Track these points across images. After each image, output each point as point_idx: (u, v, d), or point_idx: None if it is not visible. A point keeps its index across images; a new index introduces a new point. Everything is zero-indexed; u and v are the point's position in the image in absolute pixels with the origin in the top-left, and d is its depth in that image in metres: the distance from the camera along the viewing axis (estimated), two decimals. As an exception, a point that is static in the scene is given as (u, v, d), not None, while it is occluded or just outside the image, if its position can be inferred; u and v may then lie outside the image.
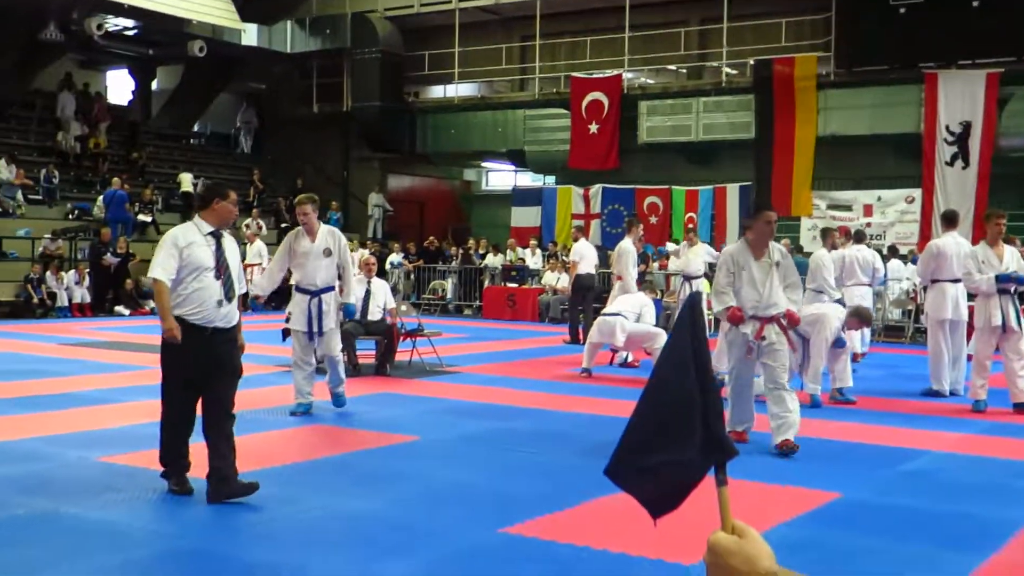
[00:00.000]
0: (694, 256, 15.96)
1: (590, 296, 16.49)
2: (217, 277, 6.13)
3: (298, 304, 9.12)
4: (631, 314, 12.33)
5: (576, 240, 17.19)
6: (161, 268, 6.07)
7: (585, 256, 16.30)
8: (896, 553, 5.30)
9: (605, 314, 12.63)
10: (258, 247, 21.96)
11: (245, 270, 9.48)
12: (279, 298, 18.10)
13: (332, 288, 9.19)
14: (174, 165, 28.26)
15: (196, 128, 31.85)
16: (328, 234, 9.17)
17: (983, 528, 5.80)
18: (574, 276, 16.30)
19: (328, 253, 9.04)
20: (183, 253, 6.10)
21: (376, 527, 5.61)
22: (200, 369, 6.06)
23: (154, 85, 31.75)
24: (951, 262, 11.11)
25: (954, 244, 11.28)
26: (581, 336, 15.83)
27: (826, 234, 13.64)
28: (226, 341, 6.14)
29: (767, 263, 7.94)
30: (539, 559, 5.07)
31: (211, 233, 6.24)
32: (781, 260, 8.06)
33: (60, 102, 26.17)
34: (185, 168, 27.24)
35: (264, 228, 25.03)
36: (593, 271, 16.80)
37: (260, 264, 20.74)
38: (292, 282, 9.47)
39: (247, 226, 23.91)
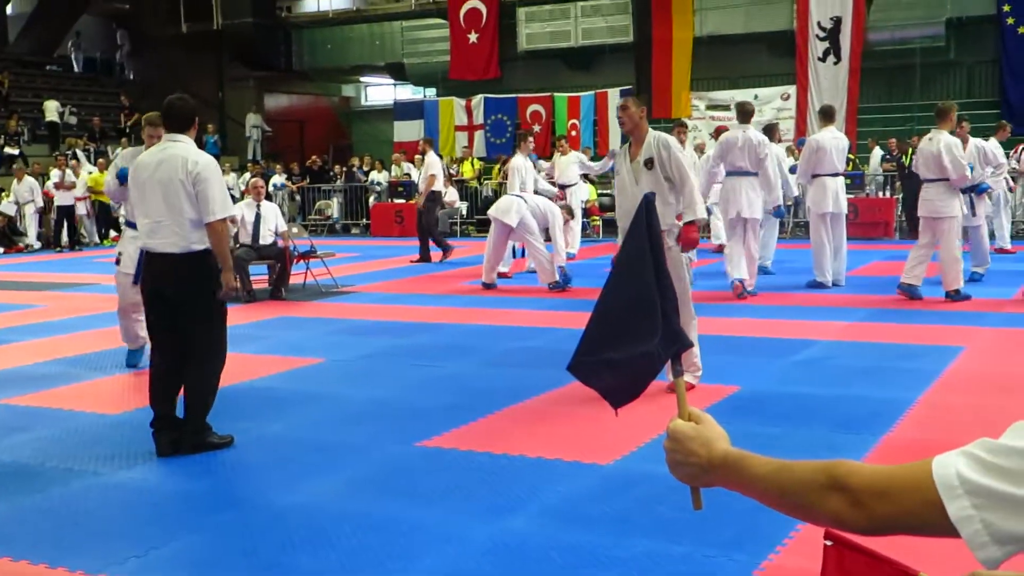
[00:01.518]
0: (566, 165, 15.72)
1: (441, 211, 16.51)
2: None
3: (131, 243, 7.32)
4: (532, 206, 12.25)
5: (424, 153, 16.53)
6: (228, 204, 5.71)
7: (437, 169, 16.12)
8: (796, 438, 5.56)
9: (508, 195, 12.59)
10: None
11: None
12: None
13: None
14: (37, 94, 27.12)
15: (66, 54, 30.46)
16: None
17: (875, 410, 6.11)
18: (428, 191, 15.98)
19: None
20: None
21: (293, 449, 5.65)
22: None
23: (9, 9, 30.23)
24: (830, 156, 11.45)
25: (831, 138, 11.61)
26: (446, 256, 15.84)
27: (772, 130, 13.71)
28: None
29: (638, 163, 6.76)
30: (458, 468, 5.18)
31: None
32: (655, 156, 6.67)
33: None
34: (50, 96, 26.15)
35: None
36: (442, 187, 16.68)
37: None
38: (122, 215, 8.20)
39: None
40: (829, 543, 1.60)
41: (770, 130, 13.44)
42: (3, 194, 20.94)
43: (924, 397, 6.42)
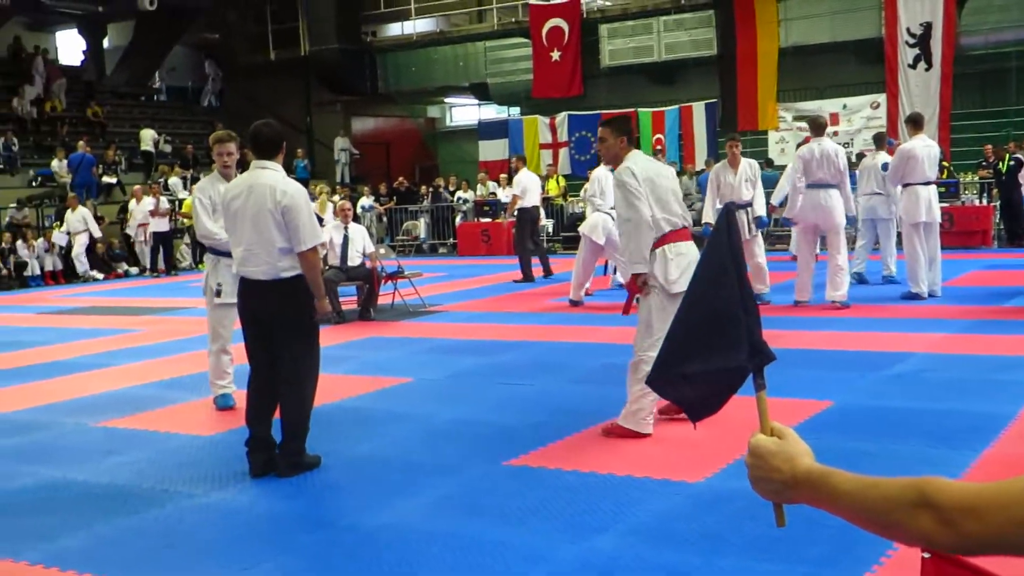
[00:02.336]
0: None
1: (537, 229, 16.29)
2: None
3: (227, 271, 6.98)
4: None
5: (516, 171, 16.21)
6: (317, 232, 5.73)
7: (527, 187, 15.78)
8: (893, 454, 5.42)
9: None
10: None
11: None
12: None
13: None
14: (134, 123, 27.88)
15: (156, 84, 31.31)
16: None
17: (974, 424, 5.93)
18: (515, 209, 15.77)
19: None
20: None
21: (381, 469, 5.68)
22: None
23: (106, 43, 31.18)
24: (922, 164, 11.20)
25: (923, 146, 11.36)
26: (548, 272, 15.80)
27: (880, 139, 13.96)
28: None
29: None
30: (546, 487, 5.16)
31: None
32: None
33: (35, 68, 26.10)
34: (146, 125, 26.86)
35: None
36: (537, 202, 16.39)
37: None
38: (209, 242, 7.43)
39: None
40: (927, 555, 1.54)
41: (879, 139, 13.70)
42: (56, 224, 21.40)
43: (1026, 410, 6.22)
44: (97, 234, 20.85)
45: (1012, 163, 17.64)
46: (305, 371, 5.71)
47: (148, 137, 25.92)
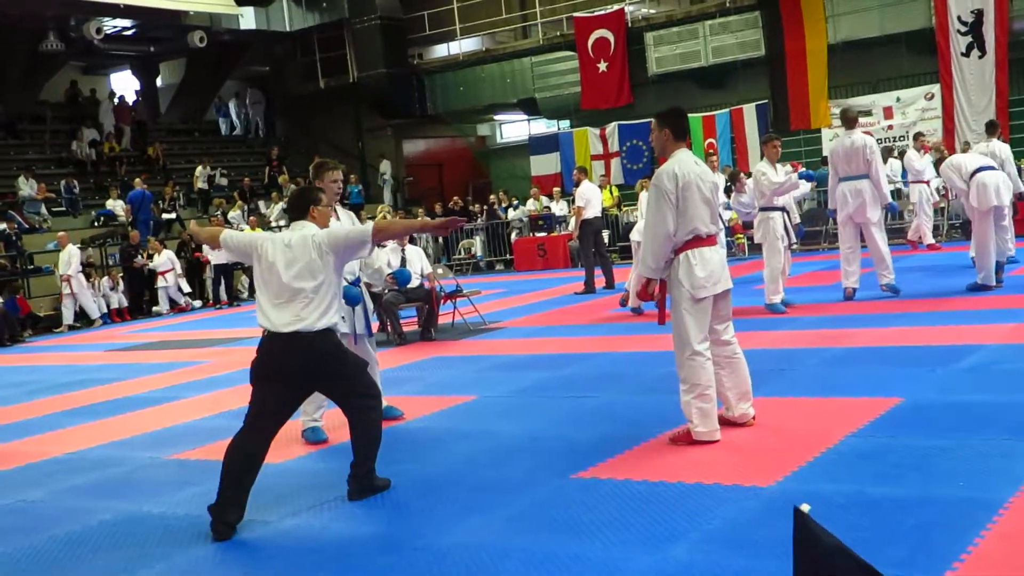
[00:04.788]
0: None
1: (601, 240, 16.29)
2: None
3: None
4: None
5: (578, 183, 16.21)
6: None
7: (591, 199, 15.81)
8: (971, 448, 5.32)
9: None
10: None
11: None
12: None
13: (358, 280, 7.36)
14: (190, 159, 28.37)
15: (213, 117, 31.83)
16: (345, 216, 7.39)
17: (1052, 414, 5.81)
18: (580, 221, 15.79)
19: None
20: None
21: (451, 488, 5.69)
22: None
23: (159, 82, 31.80)
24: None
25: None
26: (610, 283, 15.77)
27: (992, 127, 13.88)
28: None
29: None
30: (617, 498, 5.13)
31: None
32: None
33: (102, 114, 26.79)
34: (201, 161, 27.29)
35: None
36: (600, 213, 16.40)
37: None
38: None
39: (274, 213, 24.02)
40: None
41: (991, 126, 13.65)
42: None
43: (1105, 398, 6.07)
44: (178, 270, 21.46)
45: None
46: (363, 388, 5.65)
47: (201, 175, 26.31)
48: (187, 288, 21.81)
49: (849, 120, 11.43)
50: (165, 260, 21.36)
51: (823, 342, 9.04)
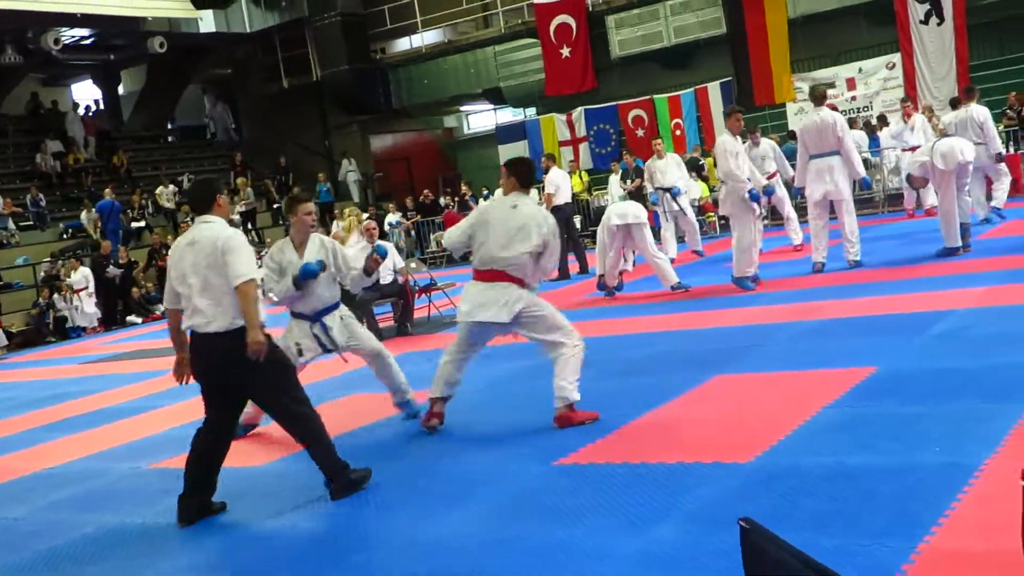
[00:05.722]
0: (665, 167, 15.02)
1: (573, 225, 16.31)
2: None
3: (302, 330, 7.21)
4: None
5: (547, 170, 16.08)
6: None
7: (560, 186, 15.67)
8: (947, 413, 5.38)
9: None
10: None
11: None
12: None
13: (336, 305, 7.35)
14: (156, 166, 28.17)
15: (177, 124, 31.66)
16: (320, 246, 7.15)
17: None
18: (550, 208, 15.22)
19: (323, 267, 7.09)
20: None
21: (434, 482, 5.70)
22: None
23: (120, 89, 31.55)
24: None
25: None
26: (584, 268, 15.81)
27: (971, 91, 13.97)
28: None
29: None
30: (599, 483, 5.15)
31: None
32: None
33: (69, 127, 26.55)
34: (168, 167, 27.09)
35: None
36: (570, 199, 16.32)
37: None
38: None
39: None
40: None
41: (969, 91, 13.78)
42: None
43: (1075, 356, 6.15)
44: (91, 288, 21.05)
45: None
46: (285, 406, 5.73)
47: (164, 194, 25.64)
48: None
49: (817, 97, 11.54)
50: (80, 279, 20.72)
51: (795, 316, 9.10)
